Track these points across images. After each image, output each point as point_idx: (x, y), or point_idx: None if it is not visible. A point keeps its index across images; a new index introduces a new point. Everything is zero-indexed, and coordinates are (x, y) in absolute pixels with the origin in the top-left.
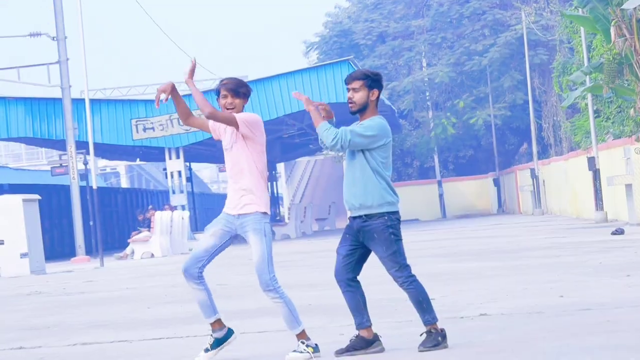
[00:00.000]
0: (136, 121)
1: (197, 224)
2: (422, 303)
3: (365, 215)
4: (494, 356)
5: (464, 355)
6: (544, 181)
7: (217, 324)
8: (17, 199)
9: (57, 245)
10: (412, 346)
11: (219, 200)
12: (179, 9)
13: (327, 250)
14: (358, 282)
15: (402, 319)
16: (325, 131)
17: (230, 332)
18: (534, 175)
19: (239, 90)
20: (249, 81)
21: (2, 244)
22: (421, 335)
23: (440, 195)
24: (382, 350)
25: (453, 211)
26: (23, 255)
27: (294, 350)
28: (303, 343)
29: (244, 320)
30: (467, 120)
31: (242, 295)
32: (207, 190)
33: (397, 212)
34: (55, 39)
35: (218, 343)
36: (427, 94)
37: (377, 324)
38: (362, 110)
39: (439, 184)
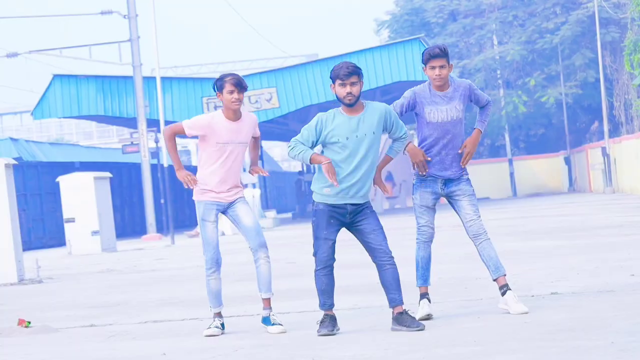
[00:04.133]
0: (207, 99)
1: (268, 202)
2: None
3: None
4: (564, 334)
5: (535, 333)
6: (615, 159)
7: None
8: (88, 176)
9: (128, 223)
10: (477, 325)
11: (290, 178)
12: None
13: (398, 229)
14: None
15: (471, 297)
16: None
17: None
18: (605, 154)
19: (244, 85)
20: (319, 59)
21: (74, 221)
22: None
23: (511, 174)
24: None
25: (524, 189)
26: (94, 233)
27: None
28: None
29: (314, 298)
30: (538, 99)
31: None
32: (278, 169)
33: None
34: (126, 17)
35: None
36: (498, 72)
37: (448, 302)
38: (357, 102)
39: (510, 162)
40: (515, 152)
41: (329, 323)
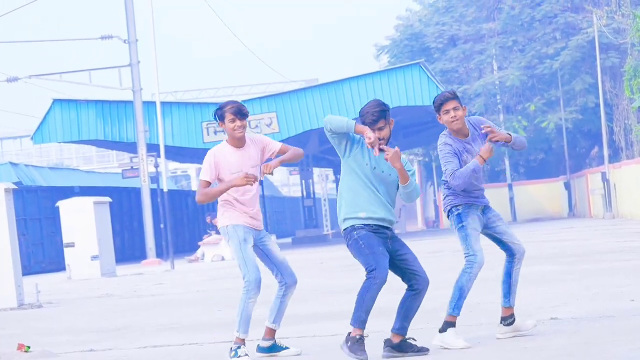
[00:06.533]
0: (207, 124)
1: (268, 227)
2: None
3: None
4: (564, 359)
5: (534, 358)
6: (615, 185)
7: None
8: (88, 201)
9: (127, 247)
10: (478, 350)
11: (289, 203)
12: (250, 12)
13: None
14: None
15: (473, 322)
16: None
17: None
18: (605, 179)
19: (244, 111)
20: (319, 84)
21: (73, 246)
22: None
23: (511, 199)
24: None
25: (524, 214)
26: (94, 257)
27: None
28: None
29: (314, 323)
30: (538, 124)
31: (312, 299)
32: (278, 194)
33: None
34: (126, 41)
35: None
36: (498, 97)
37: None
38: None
39: (510, 187)
40: (515, 177)
41: (363, 345)
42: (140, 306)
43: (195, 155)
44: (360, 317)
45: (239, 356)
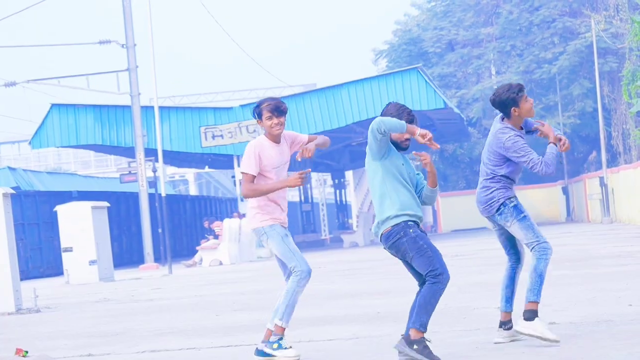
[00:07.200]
0: (205, 129)
1: None
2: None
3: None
4: None
5: None
6: (612, 189)
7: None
8: (86, 206)
9: (125, 252)
10: (476, 354)
11: (288, 207)
12: (248, 17)
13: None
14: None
15: (470, 327)
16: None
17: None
18: (602, 184)
19: (282, 108)
20: (317, 89)
21: (71, 251)
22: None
23: None
24: None
25: None
26: (92, 262)
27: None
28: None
29: (311, 327)
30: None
31: (309, 303)
32: None
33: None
34: (124, 46)
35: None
36: None
37: (446, 332)
38: None
39: None
40: None
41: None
42: (138, 311)
43: (194, 159)
44: (425, 321)
45: (285, 348)
